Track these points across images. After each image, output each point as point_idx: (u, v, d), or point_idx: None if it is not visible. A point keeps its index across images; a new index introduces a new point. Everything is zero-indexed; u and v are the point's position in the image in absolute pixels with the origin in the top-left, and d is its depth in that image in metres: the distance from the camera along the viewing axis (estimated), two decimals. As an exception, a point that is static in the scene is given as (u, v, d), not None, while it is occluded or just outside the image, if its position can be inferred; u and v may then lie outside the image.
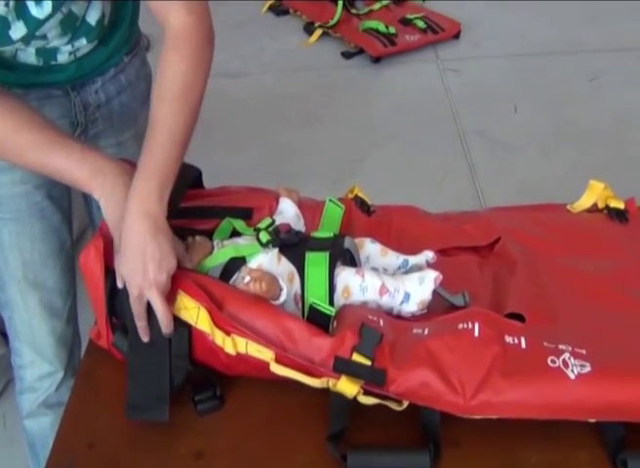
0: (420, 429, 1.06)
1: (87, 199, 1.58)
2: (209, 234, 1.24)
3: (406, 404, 1.05)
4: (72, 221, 1.56)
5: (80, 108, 1.39)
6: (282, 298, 1.10)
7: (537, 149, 3.05)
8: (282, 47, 3.84)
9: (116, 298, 1.12)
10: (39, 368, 1.55)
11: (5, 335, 2.12)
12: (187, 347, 1.10)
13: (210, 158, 2.80)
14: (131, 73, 1.45)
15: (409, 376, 1.04)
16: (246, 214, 1.29)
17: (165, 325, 1.09)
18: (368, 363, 1.04)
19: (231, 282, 1.14)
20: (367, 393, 1.05)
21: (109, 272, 1.11)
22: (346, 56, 3.71)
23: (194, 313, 1.07)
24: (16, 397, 1.63)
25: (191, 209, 1.29)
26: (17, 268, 1.45)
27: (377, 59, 3.63)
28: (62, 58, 1.30)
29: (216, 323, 1.07)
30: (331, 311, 1.08)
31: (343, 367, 1.04)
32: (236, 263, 1.15)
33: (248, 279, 1.09)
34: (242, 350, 1.07)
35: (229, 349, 1.07)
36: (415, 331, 1.09)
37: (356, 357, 1.04)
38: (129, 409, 1.10)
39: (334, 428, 1.06)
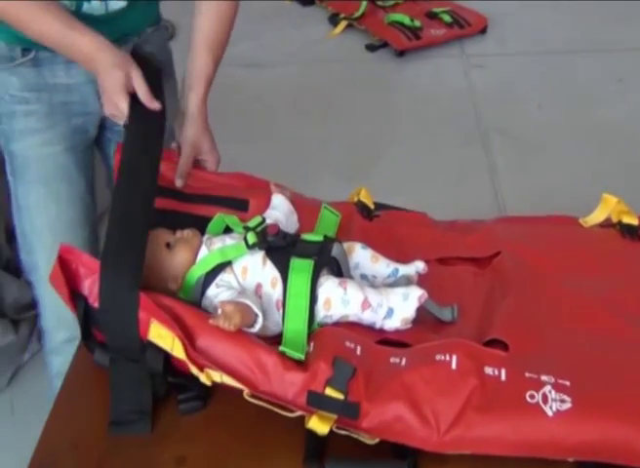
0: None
1: (110, 180, 1.59)
2: (203, 222, 1.23)
3: (378, 439, 1.03)
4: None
5: None
6: (258, 326, 1.09)
7: (558, 149, 2.99)
8: (306, 38, 3.81)
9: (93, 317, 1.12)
10: (62, 333, 1.59)
11: (14, 322, 2.16)
12: (162, 365, 1.08)
13: (224, 149, 2.79)
14: (154, 46, 1.53)
15: (383, 410, 1.02)
16: (242, 206, 1.29)
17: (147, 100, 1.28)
18: (341, 397, 1.02)
19: (215, 282, 1.14)
20: (340, 427, 1.03)
21: (78, 295, 1.11)
22: (370, 49, 3.68)
23: (169, 341, 1.06)
24: (44, 357, 1.70)
25: (189, 195, 1.31)
26: (43, 232, 1.48)
27: (401, 53, 3.59)
28: (96, 3, 1.35)
29: (189, 357, 1.06)
30: (301, 357, 1.06)
31: (317, 401, 1.03)
32: (222, 265, 1.15)
33: (219, 312, 1.07)
34: (217, 380, 1.06)
35: (204, 380, 1.07)
36: (392, 359, 1.07)
37: (329, 391, 1.03)
38: (112, 426, 1.09)
39: (310, 451, 1.05)
